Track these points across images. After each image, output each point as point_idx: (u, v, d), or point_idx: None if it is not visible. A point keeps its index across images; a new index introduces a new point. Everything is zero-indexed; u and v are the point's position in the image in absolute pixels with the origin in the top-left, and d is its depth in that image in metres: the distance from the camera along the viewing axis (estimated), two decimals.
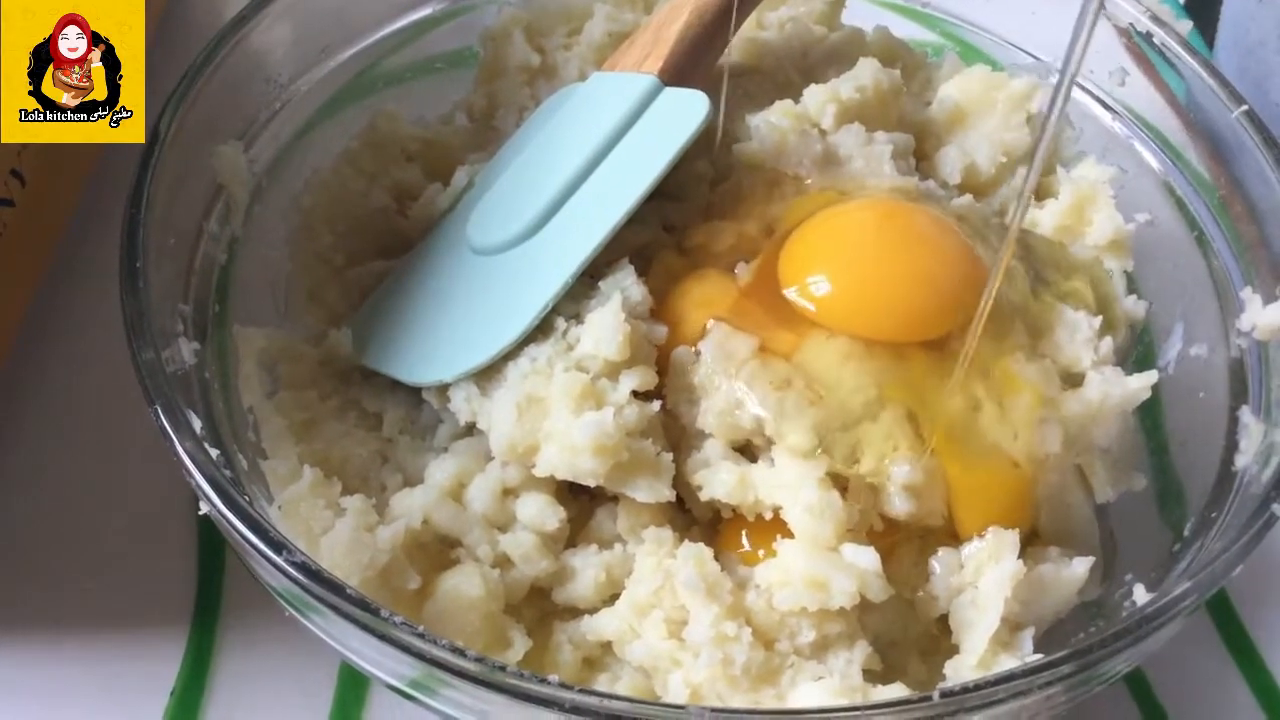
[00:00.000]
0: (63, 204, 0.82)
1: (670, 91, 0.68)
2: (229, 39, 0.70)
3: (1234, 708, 0.70)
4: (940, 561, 0.60)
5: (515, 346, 0.63)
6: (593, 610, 0.62)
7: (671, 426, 0.63)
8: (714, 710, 0.48)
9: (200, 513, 0.55)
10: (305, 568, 0.51)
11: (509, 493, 0.62)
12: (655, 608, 0.59)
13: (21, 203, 0.73)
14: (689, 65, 0.70)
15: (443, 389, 0.64)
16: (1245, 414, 0.64)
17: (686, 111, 0.66)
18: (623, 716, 0.48)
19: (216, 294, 0.68)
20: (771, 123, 0.71)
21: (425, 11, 0.83)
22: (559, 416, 0.60)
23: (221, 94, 0.70)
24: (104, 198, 0.83)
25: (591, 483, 0.60)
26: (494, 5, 0.83)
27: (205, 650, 0.68)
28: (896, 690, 0.56)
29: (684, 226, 0.70)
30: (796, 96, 0.73)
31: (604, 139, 0.68)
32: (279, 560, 0.51)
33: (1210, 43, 1.00)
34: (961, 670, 0.58)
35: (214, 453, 0.56)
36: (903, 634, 0.61)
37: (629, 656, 0.60)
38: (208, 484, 0.53)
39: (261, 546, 0.51)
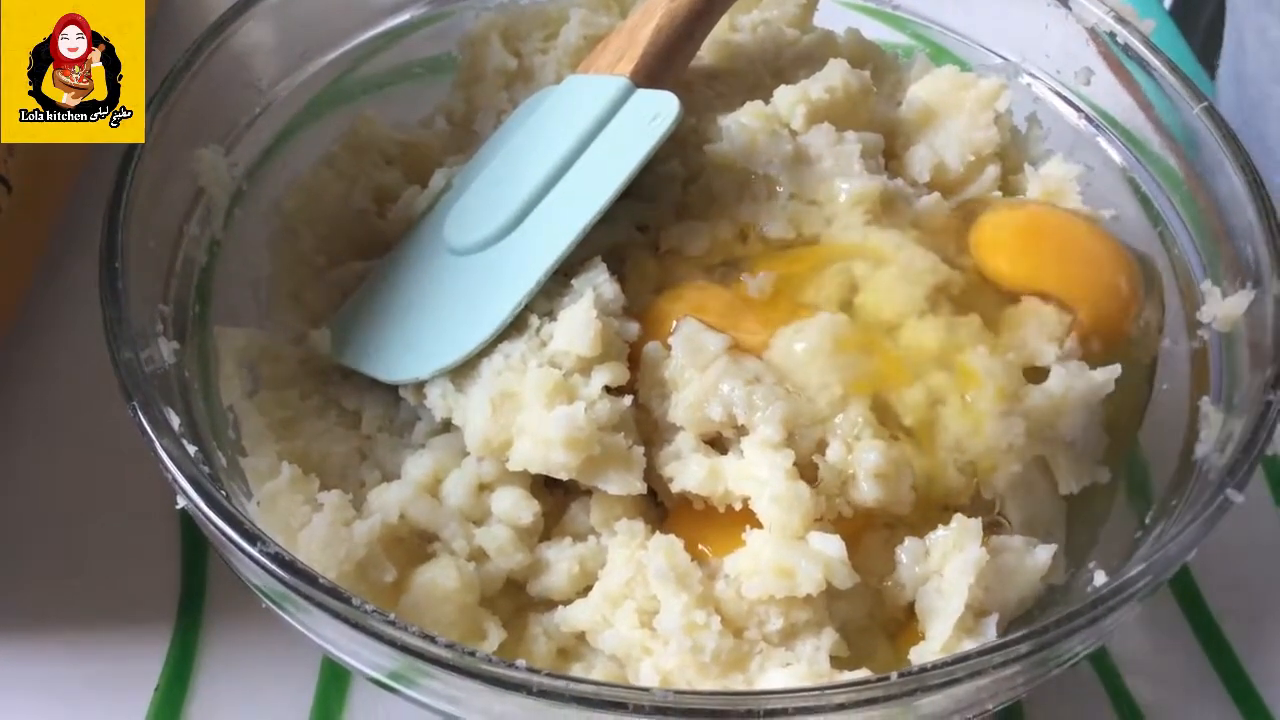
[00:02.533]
0: (49, 208, 0.83)
1: (642, 93, 0.69)
2: (209, 43, 0.72)
3: (1205, 701, 0.71)
4: (906, 550, 0.61)
5: (490, 343, 0.64)
6: (567, 601, 0.63)
7: (644, 421, 0.64)
8: (677, 692, 0.49)
9: (178, 506, 0.56)
10: (280, 559, 0.52)
11: (484, 487, 0.63)
12: (627, 598, 0.60)
13: (8, 209, 0.74)
14: (661, 67, 0.71)
15: (419, 386, 0.65)
16: (1206, 404, 0.66)
17: (658, 113, 0.67)
18: (589, 699, 0.49)
19: (197, 295, 0.69)
20: (742, 123, 0.72)
21: (404, 17, 0.84)
22: (532, 411, 0.61)
23: (202, 98, 0.71)
24: (90, 202, 0.84)
25: (564, 476, 0.61)
26: (472, 11, 0.84)
27: (189, 646, 0.69)
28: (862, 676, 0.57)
29: (657, 226, 0.71)
30: (768, 98, 0.75)
31: (577, 140, 0.69)
32: (254, 552, 0.52)
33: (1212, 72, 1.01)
34: (926, 656, 0.59)
35: (192, 450, 0.57)
36: (870, 621, 0.62)
37: (602, 646, 0.61)
38: (184, 479, 0.54)
39: (237, 539, 0.52)
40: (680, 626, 0.58)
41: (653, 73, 0.71)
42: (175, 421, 0.58)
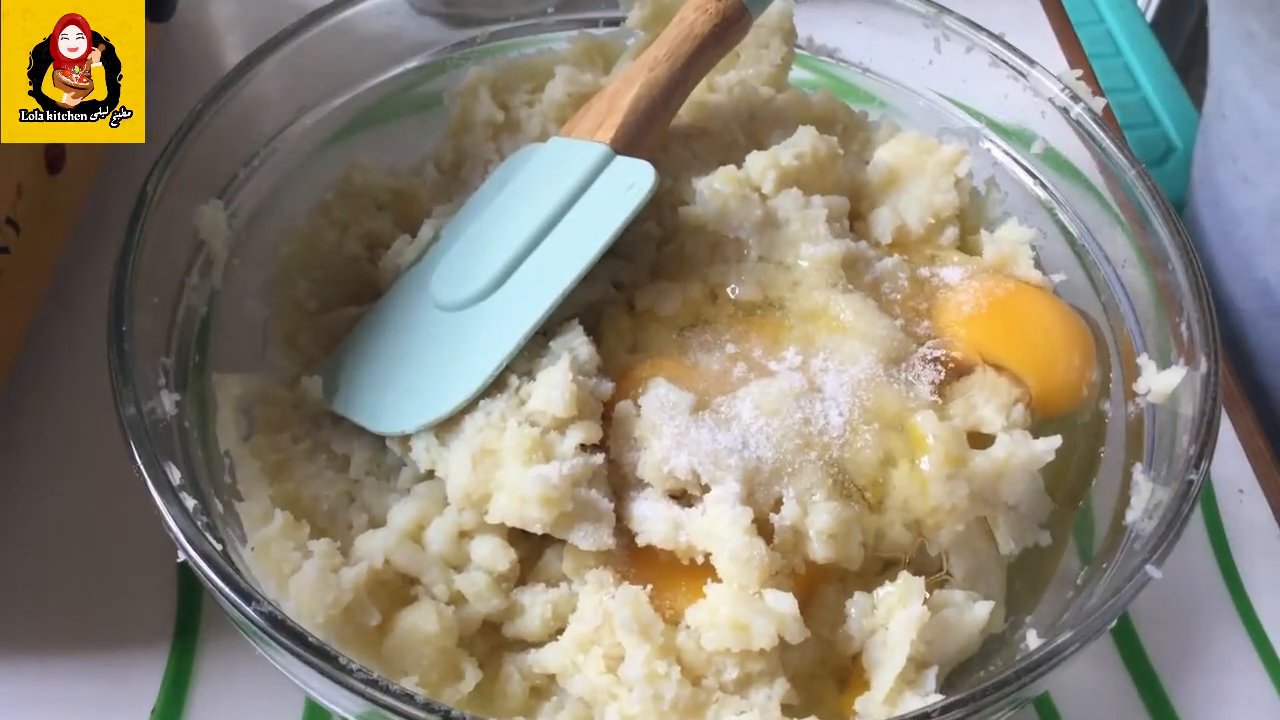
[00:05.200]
0: (52, 250, 0.86)
1: (620, 161, 0.73)
2: (214, 102, 0.75)
3: None
4: (855, 604, 0.65)
5: (471, 400, 0.68)
6: (540, 644, 0.67)
7: (614, 473, 0.68)
8: None
9: (178, 560, 0.60)
10: (271, 617, 0.56)
11: (464, 535, 0.67)
12: (595, 644, 0.64)
13: (16, 250, 0.77)
14: (639, 133, 0.75)
15: (405, 438, 0.69)
16: (1138, 471, 0.70)
17: (634, 182, 0.71)
18: None
19: (197, 344, 0.73)
20: (715, 188, 0.76)
21: (401, 68, 0.87)
22: (510, 468, 0.65)
23: (205, 154, 0.74)
24: (92, 241, 0.88)
25: (539, 530, 0.65)
26: (468, 62, 0.88)
27: (184, 671, 0.72)
28: None
29: (632, 284, 0.75)
30: (741, 159, 0.78)
31: (558, 204, 0.72)
32: (248, 609, 0.56)
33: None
34: (871, 706, 0.63)
35: (191, 502, 0.61)
36: (820, 669, 0.66)
37: (571, 688, 0.65)
38: (184, 537, 0.59)
39: (232, 596, 0.57)
40: (643, 675, 0.62)
41: (631, 139, 0.74)
42: (176, 476, 0.62)
